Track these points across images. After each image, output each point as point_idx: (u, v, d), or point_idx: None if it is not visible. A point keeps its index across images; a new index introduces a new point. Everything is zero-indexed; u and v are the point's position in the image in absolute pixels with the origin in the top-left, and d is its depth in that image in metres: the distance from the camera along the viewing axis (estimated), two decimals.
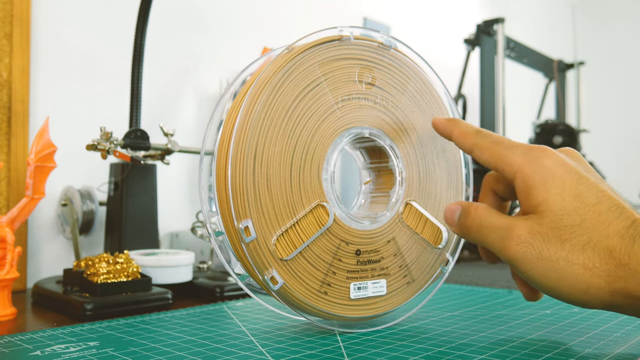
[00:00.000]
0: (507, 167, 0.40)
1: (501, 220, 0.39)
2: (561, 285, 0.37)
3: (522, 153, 0.39)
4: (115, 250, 0.70)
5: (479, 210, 0.41)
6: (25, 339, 0.44)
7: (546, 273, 0.37)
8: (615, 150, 2.34)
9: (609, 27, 2.52)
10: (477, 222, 0.41)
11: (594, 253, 0.36)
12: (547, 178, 0.38)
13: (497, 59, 1.36)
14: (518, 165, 0.39)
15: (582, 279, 0.36)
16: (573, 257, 0.36)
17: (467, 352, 0.40)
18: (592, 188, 0.38)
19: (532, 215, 0.38)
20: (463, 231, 0.42)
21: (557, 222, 0.37)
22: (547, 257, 0.37)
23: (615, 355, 0.39)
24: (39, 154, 0.57)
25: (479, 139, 0.42)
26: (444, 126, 0.46)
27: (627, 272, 0.35)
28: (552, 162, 0.38)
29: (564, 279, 0.36)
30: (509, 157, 0.40)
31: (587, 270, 0.36)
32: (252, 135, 0.41)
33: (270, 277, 0.42)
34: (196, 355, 0.39)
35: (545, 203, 0.37)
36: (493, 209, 0.41)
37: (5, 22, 0.73)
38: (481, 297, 0.62)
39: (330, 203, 0.44)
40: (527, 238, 0.37)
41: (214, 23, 0.99)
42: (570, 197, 0.37)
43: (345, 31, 0.46)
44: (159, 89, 0.91)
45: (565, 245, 0.36)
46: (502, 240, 0.39)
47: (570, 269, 0.36)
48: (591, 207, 0.37)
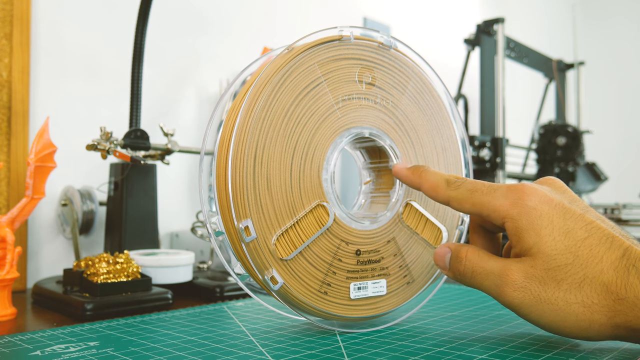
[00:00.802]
0: (493, 214, 0.39)
1: (493, 264, 0.39)
2: (563, 326, 0.37)
3: (504, 196, 0.39)
4: (115, 250, 0.70)
5: (470, 255, 0.40)
6: (25, 339, 0.44)
7: (547, 315, 0.37)
8: (615, 150, 2.34)
9: (609, 27, 2.52)
10: (470, 268, 0.40)
11: (591, 290, 0.36)
12: (534, 219, 0.38)
13: (497, 59, 1.36)
14: (504, 210, 0.39)
15: (583, 317, 0.36)
16: (571, 297, 0.36)
17: (467, 352, 0.40)
18: (579, 221, 0.37)
19: (525, 258, 0.38)
20: (457, 277, 0.41)
21: (551, 263, 0.37)
22: (545, 299, 0.37)
23: (615, 355, 0.39)
24: (39, 154, 0.57)
25: (452, 191, 0.42)
26: (408, 178, 0.45)
27: (626, 305, 0.35)
28: (536, 201, 0.38)
29: (565, 319, 0.37)
30: (491, 203, 0.39)
31: (587, 308, 0.36)
32: (252, 135, 0.41)
33: (270, 277, 0.42)
34: (196, 355, 0.39)
35: (536, 245, 0.37)
36: (483, 251, 0.41)
37: (5, 22, 0.73)
38: (481, 297, 0.62)
39: (330, 203, 0.44)
40: (524, 283, 0.37)
41: (214, 23, 0.99)
42: (560, 235, 0.37)
43: (345, 31, 0.46)
44: (159, 89, 0.91)
45: (561, 285, 0.36)
46: (498, 286, 0.38)
47: (570, 308, 0.36)
48: (582, 242, 0.37)
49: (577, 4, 1.96)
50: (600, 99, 2.39)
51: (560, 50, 1.99)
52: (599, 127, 2.05)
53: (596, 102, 2.32)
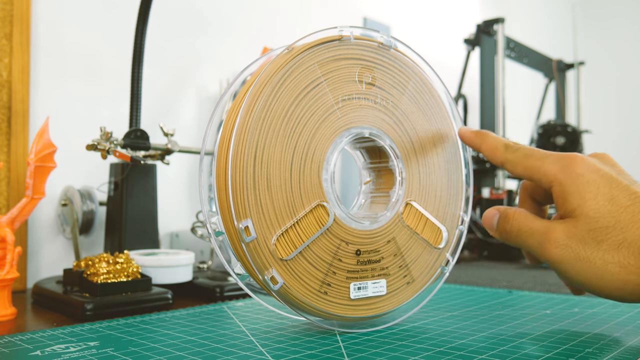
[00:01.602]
0: (542, 178, 0.42)
1: (539, 224, 0.41)
2: (599, 284, 0.38)
3: (555, 162, 0.41)
4: (115, 250, 0.70)
5: (517, 215, 0.43)
6: (25, 339, 0.44)
7: (584, 273, 0.39)
8: (616, 150, 2.33)
9: (609, 27, 2.52)
10: (516, 226, 0.42)
11: (628, 252, 0.37)
12: (581, 185, 0.39)
13: (497, 59, 1.36)
14: (553, 174, 0.41)
15: (619, 277, 0.38)
16: (609, 257, 0.38)
17: (467, 352, 0.40)
18: (624, 190, 0.39)
19: (569, 219, 0.40)
20: (503, 235, 0.44)
21: (593, 225, 0.38)
22: (584, 257, 0.38)
23: (615, 355, 0.39)
24: (39, 154, 0.57)
25: (509, 154, 0.44)
26: (471, 139, 0.48)
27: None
28: (584, 169, 0.40)
29: (602, 278, 0.38)
30: (542, 168, 0.42)
31: (623, 268, 0.37)
32: (252, 135, 0.41)
33: (270, 277, 0.42)
34: (196, 355, 0.39)
35: (580, 208, 0.39)
36: (530, 213, 0.43)
37: (5, 22, 0.73)
38: (481, 297, 0.62)
39: (330, 203, 0.44)
40: (565, 241, 0.39)
41: (214, 23, 0.99)
42: (604, 200, 0.39)
43: (345, 31, 0.46)
44: (159, 89, 0.91)
45: (601, 245, 0.38)
46: (541, 244, 0.40)
47: (607, 267, 0.38)
48: (625, 208, 0.38)
49: (577, 4, 1.96)
50: (600, 99, 2.39)
51: (560, 50, 1.99)
52: (599, 127, 2.05)
53: (596, 102, 2.32)
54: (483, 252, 1.16)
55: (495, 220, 0.44)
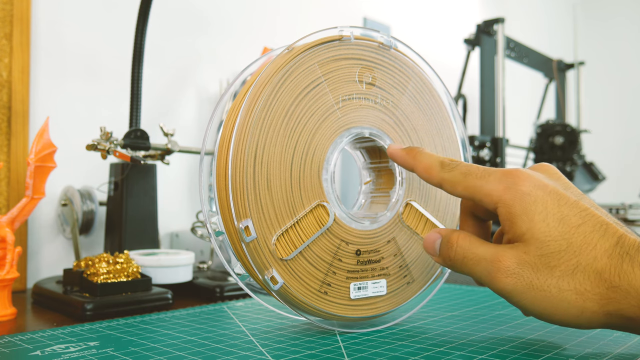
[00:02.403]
0: (485, 198, 0.39)
1: (485, 250, 0.38)
2: (554, 313, 0.36)
3: (498, 181, 0.38)
4: (115, 250, 0.70)
5: (461, 241, 0.40)
6: (25, 339, 0.44)
7: (538, 302, 0.36)
8: (615, 150, 2.34)
9: (609, 27, 2.52)
10: (461, 254, 0.39)
11: (584, 277, 0.35)
12: (528, 205, 0.37)
13: (497, 59, 1.36)
14: (497, 195, 0.38)
15: (575, 304, 0.36)
16: (564, 284, 0.36)
17: (467, 352, 0.40)
18: (574, 208, 0.37)
19: (518, 244, 0.37)
20: (447, 263, 0.41)
21: (544, 250, 0.36)
22: (537, 286, 0.36)
23: (615, 355, 0.39)
24: (39, 154, 0.57)
25: (445, 173, 0.41)
26: (402, 158, 0.44)
27: (619, 293, 0.34)
28: (530, 186, 0.37)
29: (557, 306, 0.36)
30: (485, 188, 0.39)
31: (580, 295, 0.35)
32: (252, 135, 0.41)
33: (270, 277, 0.42)
34: (196, 355, 0.39)
35: (530, 231, 0.37)
36: (475, 237, 0.40)
37: (5, 22, 0.73)
38: (481, 297, 0.62)
39: (330, 203, 0.44)
40: (516, 269, 0.37)
41: (214, 23, 0.99)
42: (554, 221, 0.36)
43: (345, 31, 0.46)
44: (159, 89, 0.91)
45: (554, 272, 0.36)
46: (490, 272, 0.38)
47: (562, 295, 0.36)
48: (576, 228, 0.36)
49: (578, 4, 1.96)
50: (600, 99, 2.39)
51: (560, 50, 1.99)
52: (598, 127, 2.05)
53: (596, 102, 2.32)
54: None
55: (437, 246, 0.41)
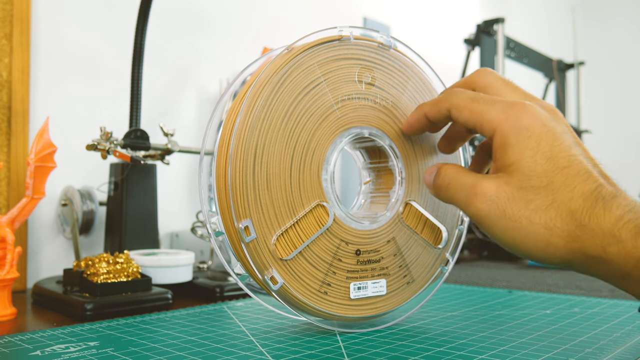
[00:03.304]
0: (486, 124, 0.39)
1: (469, 178, 0.40)
2: (522, 243, 0.37)
3: (502, 110, 0.39)
4: (115, 250, 0.70)
5: (448, 169, 0.41)
6: (25, 339, 0.44)
7: (508, 231, 0.38)
8: (615, 150, 2.34)
9: (609, 27, 2.52)
10: (447, 180, 0.41)
11: (556, 214, 0.36)
12: (523, 138, 0.38)
13: (497, 59, 1.36)
14: (497, 122, 0.39)
15: (542, 238, 0.37)
16: (535, 217, 0.37)
17: (467, 352, 0.40)
18: (565, 150, 0.38)
19: (502, 174, 0.38)
20: (435, 191, 0.42)
21: (525, 183, 0.37)
22: (510, 215, 0.37)
23: (615, 356, 0.39)
24: (39, 154, 0.57)
25: (454, 98, 0.41)
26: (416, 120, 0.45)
27: (586, 232, 0.36)
28: (530, 121, 0.38)
29: (525, 237, 0.37)
30: (488, 114, 0.39)
31: (548, 230, 0.37)
32: (252, 135, 0.41)
33: (270, 277, 0.42)
34: (196, 355, 0.39)
35: (517, 163, 0.38)
36: (463, 168, 0.41)
37: (5, 22, 0.73)
38: (481, 297, 0.62)
39: (330, 203, 0.44)
40: (493, 197, 0.38)
41: (214, 23, 0.99)
42: (542, 159, 0.37)
43: (345, 31, 0.46)
44: (159, 89, 0.91)
45: (529, 205, 0.37)
46: (468, 197, 0.39)
47: (532, 227, 0.37)
48: (560, 170, 0.37)
49: (577, 5, 1.96)
50: (600, 99, 2.39)
51: (560, 50, 1.99)
52: (598, 127, 2.05)
53: (596, 102, 2.32)
54: (483, 252, 1.16)
55: (432, 177, 0.43)
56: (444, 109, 0.42)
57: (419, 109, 0.45)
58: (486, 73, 0.43)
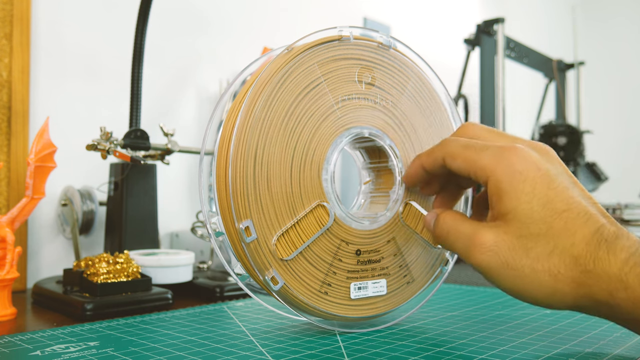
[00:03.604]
0: (479, 171, 0.39)
1: (467, 227, 0.39)
2: (526, 291, 0.37)
3: (494, 155, 0.39)
4: (115, 250, 0.70)
5: (447, 217, 0.41)
6: (25, 339, 0.44)
7: (511, 280, 0.37)
8: (615, 150, 2.34)
9: (609, 27, 2.52)
10: (445, 229, 0.41)
11: (559, 260, 0.36)
12: (517, 183, 0.37)
13: (497, 59, 1.36)
14: (490, 169, 0.38)
15: (547, 285, 0.36)
16: (538, 265, 0.36)
17: (467, 352, 0.40)
18: (561, 194, 0.37)
19: (500, 222, 0.38)
20: (436, 238, 0.43)
21: (524, 231, 0.37)
22: (512, 265, 0.37)
23: (615, 356, 0.39)
24: (39, 154, 0.57)
25: (447, 146, 0.41)
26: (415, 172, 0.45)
27: (592, 278, 0.35)
28: (523, 165, 0.38)
29: (529, 286, 0.37)
30: (480, 161, 0.39)
31: (552, 277, 0.36)
32: (252, 135, 0.41)
33: (270, 277, 0.42)
34: (196, 355, 0.39)
35: (513, 211, 0.37)
36: (461, 215, 0.41)
37: (5, 22, 0.73)
38: (481, 297, 0.62)
39: (330, 203, 0.44)
40: (492, 247, 0.37)
41: (214, 23, 0.99)
42: (539, 205, 0.37)
43: (345, 31, 0.46)
44: (159, 89, 0.91)
45: (530, 253, 0.37)
46: (468, 247, 0.39)
47: (535, 275, 0.36)
48: (559, 214, 0.37)
49: (577, 5, 1.96)
50: (600, 99, 2.39)
51: (560, 50, 1.99)
52: (599, 127, 2.05)
53: (596, 102, 2.32)
54: None
55: (432, 224, 0.43)
56: (439, 158, 0.42)
57: (416, 159, 0.45)
58: (471, 125, 0.43)
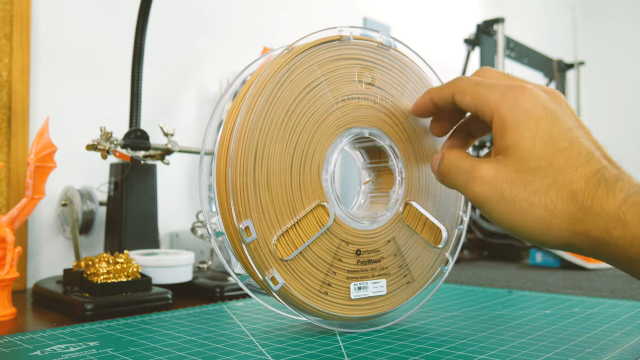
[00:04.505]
0: (485, 107, 0.39)
1: (468, 162, 0.40)
2: (521, 226, 0.37)
3: (502, 92, 0.39)
4: (115, 250, 0.70)
5: (449, 155, 0.42)
6: (25, 339, 0.44)
7: (507, 214, 0.37)
8: (615, 150, 2.33)
9: (609, 27, 2.52)
10: (447, 166, 0.42)
11: (556, 195, 0.36)
12: (522, 120, 0.37)
13: (497, 59, 1.36)
14: (496, 105, 0.38)
15: (543, 220, 0.36)
16: (535, 199, 0.36)
17: (467, 352, 0.40)
18: (565, 132, 0.37)
19: (501, 157, 0.38)
20: (439, 176, 0.43)
21: (523, 165, 0.37)
22: (508, 198, 0.37)
23: (615, 356, 0.39)
24: (39, 154, 0.57)
25: (459, 83, 0.41)
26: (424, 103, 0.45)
27: (589, 214, 0.35)
28: (529, 103, 0.38)
29: (525, 220, 0.37)
30: (487, 97, 0.39)
31: (549, 212, 0.36)
32: (252, 135, 0.41)
33: (270, 277, 0.42)
34: (196, 355, 0.39)
35: (515, 146, 0.37)
36: (464, 153, 0.42)
37: (5, 22, 0.73)
38: (481, 297, 0.62)
39: (330, 203, 0.44)
40: (491, 179, 0.38)
41: (214, 23, 0.99)
42: (541, 141, 0.37)
43: (345, 31, 0.46)
44: (159, 89, 0.91)
45: (528, 187, 0.37)
46: (466, 181, 0.39)
47: (532, 209, 0.36)
48: (561, 151, 0.37)
49: (577, 5, 1.96)
50: (600, 99, 2.39)
51: (560, 50, 1.99)
52: (599, 127, 2.04)
53: (596, 102, 2.32)
54: (483, 252, 1.16)
55: (437, 163, 0.43)
56: (449, 94, 0.42)
57: (426, 93, 0.45)
58: (487, 68, 0.43)
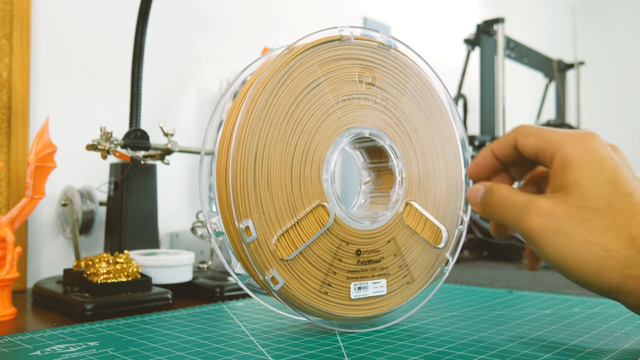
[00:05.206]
0: (549, 146, 0.39)
1: (522, 196, 0.39)
2: (572, 262, 0.36)
3: (567, 134, 0.39)
4: (115, 250, 0.70)
5: (501, 188, 0.41)
6: (25, 339, 0.44)
7: (560, 248, 0.36)
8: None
9: (609, 27, 2.52)
10: (499, 198, 0.41)
11: (615, 237, 0.35)
12: (586, 159, 0.37)
13: (497, 59, 1.36)
14: (560, 143, 0.38)
15: (597, 259, 0.35)
16: (591, 237, 0.36)
17: (467, 352, 0.40)
18: (627, 180, 0.37)
19: (559, 194, 0.38)
20: (484, 208, 0.42)
21: (583, 203, 0.36)
22: (564, 232, 0.36)
23: (615, 355, 0.39)
24: (39, 154, 0.57)
25: (522, 128, 0.42)
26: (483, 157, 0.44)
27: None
28: (595, 145, 0.38)
29: (577, 257, 0.36)
30: (552, 137, 0.39)
31: (604, 252, 0.35)
32: (252, 135, 0.41)
33: (271, 277, 0.42)
34: (196, 355, 0.39)
35: (576, 183, 0.37)
36: (515, 189, 0.41)
37: (5, 22, 0.73)
38: (481, 297, 0.62)
39: (330, 203, 0.44)
40: (548, 212, 0.37)
41: (214, 23, 0.99)
42: (604, 182, 0.36)
43: (345, 31, 0.46)
44: (159, 89, 0.91)
45: (586, 224, 0.36)
46: (521, 214, 0.38)
47: (587, 246, 0.36)
48: (622, 196, 0.36)
49: (577, 5, 1.96)
50: (600, 99, 2.39)
51: (560, 50, 1.99)
52: (599, 127, 2.04)
53: (596, 102, 2.32)
54: (483, 252, 1.16)
55: (480, 195, 0.42)
56: (511, 139, 0.42)
57: (485, 149, 0.45)
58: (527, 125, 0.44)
